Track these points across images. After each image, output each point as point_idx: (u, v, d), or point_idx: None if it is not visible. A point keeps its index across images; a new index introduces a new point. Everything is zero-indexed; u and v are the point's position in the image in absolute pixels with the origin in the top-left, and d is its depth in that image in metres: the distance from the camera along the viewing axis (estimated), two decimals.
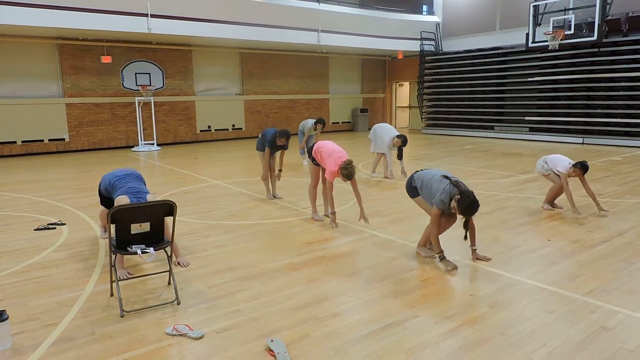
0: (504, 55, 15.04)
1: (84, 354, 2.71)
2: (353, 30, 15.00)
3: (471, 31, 16.08)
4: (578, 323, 3.00)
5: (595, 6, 11.75)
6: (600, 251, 4.34)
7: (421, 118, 17.73)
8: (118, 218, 3.13)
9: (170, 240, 3.50)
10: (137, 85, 12.74)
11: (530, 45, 13.14)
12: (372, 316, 3.13)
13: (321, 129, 9.57)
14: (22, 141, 12.07)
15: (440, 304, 3.29)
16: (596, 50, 12.70)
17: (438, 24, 16.93)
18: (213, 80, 15.01)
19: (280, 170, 6.62)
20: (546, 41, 12.52)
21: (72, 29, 10.88)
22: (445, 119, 16.91)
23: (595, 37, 11.88)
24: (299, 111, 16.98)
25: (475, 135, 15.62)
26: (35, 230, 5.24)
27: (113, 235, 3.25)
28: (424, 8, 17.63)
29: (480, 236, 4.34)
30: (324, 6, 14.36)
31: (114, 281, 3.33)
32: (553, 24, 12.38)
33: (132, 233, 3.25)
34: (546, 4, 12.68)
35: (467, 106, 16.16)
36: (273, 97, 16.31)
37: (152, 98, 13.07)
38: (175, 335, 2.90)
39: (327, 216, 5.62)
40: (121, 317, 3.14)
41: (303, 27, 13.87)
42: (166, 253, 3.49)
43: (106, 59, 12.72)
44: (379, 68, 19.39)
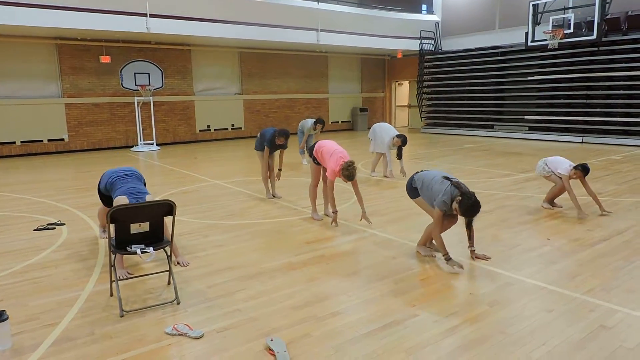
0: (504, 54, 15.04)
1: (84, 354, 2.72)
2: (352, 29, 15.00)
3: (470, 30, 16.08)
4: (577, 322, 3.00)
5: (594, 5, 11.75)
6: (599, 250, 4.34)
7: (420, 117, 17.73)
8: (117, 218, 3.13)
9: (169, 239, 3.50)
10: (136, 85, 12.74)
11: (529, 44, 13.14)
12: (372, 315, 3.13)
13: (321, 129, 9.56)
14: (22, 141, 12.06)
15: (440, 303, 3.30)
16: (595, 49, 12.70)
17: (437, 23, 16.93)
18: (212, 79, 15.01)
19: (280, 169, 6.63)
20: (545, 40, 12.52)
21: (71, 29, 10.87)
22: (444, 118, 16.91)
23: (594, 36, 11.88)
24: (299, 110, 16.98)
25: (474, 134, 15.62)
26: (34, 230, 5.24)
27: (112, 235, 3.25)
28: (423, 7, 17.65)
29: (479, 235, 4.34)
30: (323, 5, 14.35)
31: (114, 281, 3.33)
32: (552, 23, 12.38)
33: (132, 233, 3.26)
34: (545, 3, 12.67)
35: (467, 105, 16.17)
36: (272, 97, 16.30)
37: (152, 98, 13.06)
38: (175, 334, 2.90)
39: (327, 215, 5.63)
40: (121, 317, 3.14)
41: (302, 27, 13.87)
42: (166, 253, 3.49)
43: (105, 59, 12.71)
44: (379, 67, 19.39)
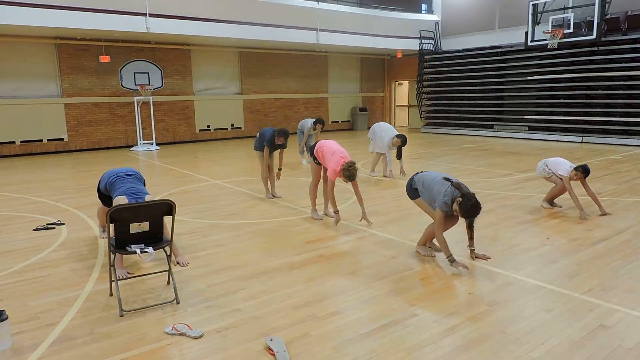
0: (503, 54, 15.04)
1: (84, 354, 2.72)
2: (352, 29, 15.00)
3: (470, 30, 16.09)
4: (577, 321, 3.00)
5: (594, 5, 11.75)
6: (599, 249, 4.35)
7: (420, 117, 17.73)
8: (117, 218, 3.13)
9: (169, 239, 3.50)
10: (136, 84, 12.73)
11: (529, 44, 13.14)
12: (372, 315, 3.13)
13: (320, 129, 9.57)
14: (21, 141, 12.06)
15: (439, 303, 3.30)
16: (595, 49, 12.71)
17: (437, 23, 16.93)
18: (212, 79, 15.00)
19: (280, 169, 6.63)
20: (545, 40, 12.52)
21: (71, 29, 10.87)
22: (444, 118, 16.91)
23: (594, 36, 11.89)
24: (298, 110, 16.98)
25: (474, 134, 15.62)
26: (34, 230, 5.24)
27: (112, 234, 3.25)
28: (423, 7, 17.65)
29: (479, 235, 4.34)
30: (323, 5, 14.35)
31: (114, 281, 3.33)
32: (552, 23, 12.39)
33: (131, 233, 3.26)
34: (545, 3, 12.68)
35: (466, 105, 16.17)
36: (272, 97, 16.30)
37: (151, 97, 13.06)
38: (174, 334, 2.91)
39: (327, 215, 5.63)
40: (121, 317, 3.14)
41: (302, 26, 13.87)
42: (165, 252, 3.49)
43: (105, 59, 12.71)
44: (378, 67, 19.39)
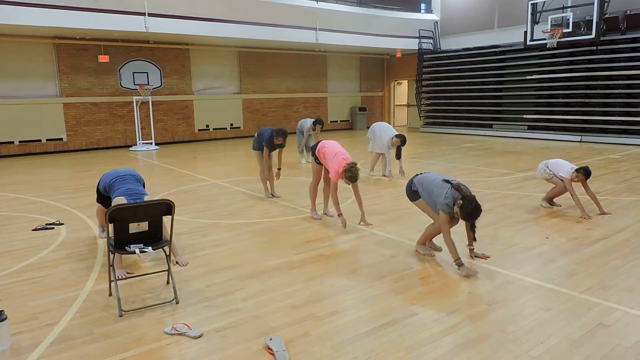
0: (502, 53, 15.04)
1: (83, 354, 2.71)
2: (351, 28, 14.99)
3: (469, 29, 16.08)
4: (576, 320, 3.01)
5: (593, 4, 11.76)
6: (598, 249, 4.35)
7: (419, 116, 17.73)
8: (116, 217, 3.13)
9: (168, 239, 3.50)
10: (135, 84, 12.72)
11: (528, 43, 13.15)
12: (371, 314, 3.14)
13: (320, 129, 9.61)
14: (20, 141, 12.04)
15: (439, 302, 3.30)
16: (594, 48, 12.71)
17: (436, 22, 16.93)
18: (211, 79, 14.99)
19: (279, 168, 6.64)
20: (544, 39, 12.52)
21: (69, 29, 10.85)
22: (443, 117, 16.91)
23: (593, 35, 11.89)
24: (297, 110, 16.97)
25: (473, 133, 15.62)
26: (33, 230, 5.23)
27: (111, 234, 3.25)
28: (422, 6, 17.64)
29: (479, 234, 4.33)
30: (322, 4, 14.34)
31: (113, 281, 3.33)
32: (551, 22, 12.39)
33: (131, 232, 3.26)
34: (544, 2, 12.68)
35: (466, 104, 16.17)
36: (271, 96, 16.29)
37: (150, 97, 13.04)
38: (174, 334, 2.90)
39: (327, 215, 5.63)
40: (120, 317, 3.14)
41: (301, 26, 13.85)
42: (165, 252, 3.49)
43: (103, 58, 12.70)
44: (377, 66, 19.39)
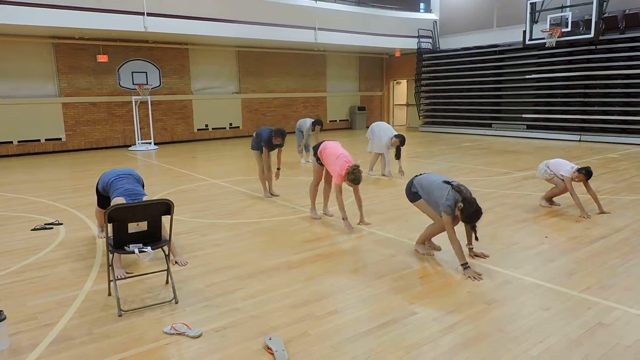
0: (501, 52, 15.05)
1: (82, 354, 2.71)
2: (350, 28, 14.98)
3: (468, 29, 16.08)
4: (575, 319, 3.01)
5: (592, 3, 11.77)
6: (597, 248, 4.35)
7: (419, 116, 17.73)
8: (115, 217, 3.12)
9: (167, 239, 3.50)
10: (134, 84, 12.70)
11: (527, 42, 13.15)
12: (371, 313, 3.13)
13: (319, 130, 9.65)
14: (19, 141, 12.02)
15: (438, 301, 3.30)
16: (593, 47, 12.72)
17: (435, 22, 16.93)
18: (210, 78, 14.98)
19: (278, 168, 6.65)
20: (543, 39, 12.53)
21: (68, 28, 10.83)
22: (442, 117, 16.91)
23: (592, 35, 11.90)
24: (297, 109, 16.97)
25: (472, 132, 15.63)
26: (32, 230, 5.23)
27: (110, 234, 3.25)
28: (421, 5, 17.63)
29: (478, 233, 4.34)
30: (321, 4, 14.34)
31: (112, 280, 3.33)
32: (550, 22, 12.39)
33: (130, 232, 3.25)
34: (543, 2, 12.68)
35: (465, 104, 16.17)
36: (270, 96, 16.28)
37: (149, 97, 13.04)
38: (173, 334, 2.90)
39: (326, 214, 5.63)
40: (119, 317, 3.14)
41: (300, 25, 13.85)
42: (164, 252, 3.49)
43: (102, 58, 12.68)
44: (377, 66, 19.38)
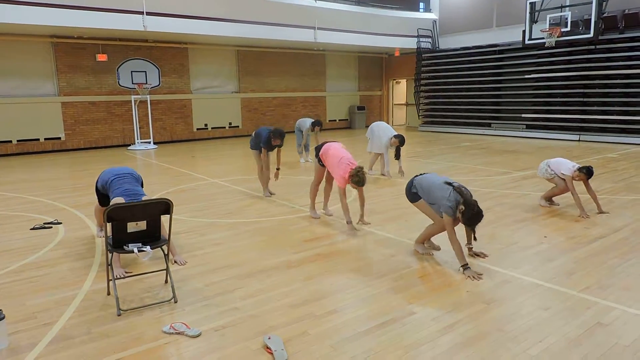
0: (501, 52, 15.05)
1: (81, 353, 2.71)
2: (350, 27, 14.97)
3: (468, 28, 16.08)
4: (574, 319, 3.01)
5: (591, 3, 11.78)
6: (596, 247, 4.36)
7: (418, 115, 17.73)
8: (114, 217, 3.12)
9: (166, 238, 3.50)
10: (133, 83, 12.70)
11: (526, 42, 13.16)
12: (370, 313, 3.14)
13: (319, 131, 9.68)
14: (18, 140, 12.01)
15: (437, 301, 3.30)
16: (592, 47, 12.72)
17: (435, 21, 16.93)
18: (209, 78, 14.97)
19: (278, 168, 6.65)
20: (542, 38, 12.53)
21: (67, 27, 10.82)
22: (442, 117, 16.91)
23: (591, 35, 11.91)
24: (296, 109, 16.96)
25: (472, 132, 15.63)
26: (31, 229, 5.22)
27: (109, 234, 3.25)
28: (421, 5, 17.61)
29: (477, 233, 4.34)
30: (321, 3, 14.32)
31: (111, 280, 3.33)
32: (549, 21, 12.40)
33: (129, 232, 3.25)
34: (543, 1, 12.69)
35: (464, 103, 16.17)
36: (270, 95, 16.28)
37: (149, 96, 13.03)
38: (172, 333, 2.90)
39: (326, 214, 5.63)
40: (118, 316, 3.14)
41: (300, 25, 13.84)
42: (163, 251, 3.49)
43: (102, 57, 12.67)
44: (376, 65, 19.38)
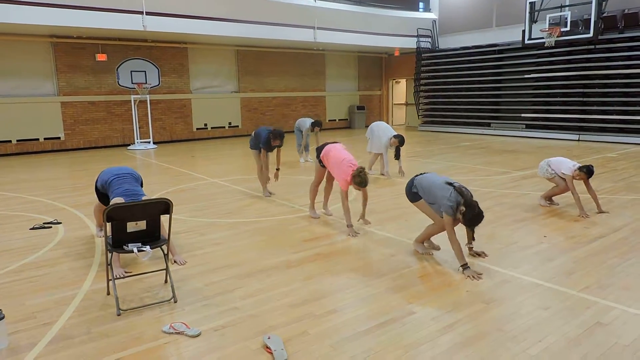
0: (500, 52, 15.04)
1: (81, 353, 2.71)
2: (349, 27, 14.97)
3: (468, 28, 16.09)
4: (574, 319, 3.01)
5: (591, 3, 11.78)
6: (595, 247, 4.36)
7: (418, 115, 17.73)
8: (114, 216, 3.12)
9: (166, 238, 3.49)
10: (133, 83, 12.69)
11: (526, 42, 13.16)
12: (370, 312, 3.14)
13: (318, 131, 9.68)
14: (17, 140, 12.00)
15: (437, 300, 3.30)
16: (592, 47, 12.72)
17: (434, 21, 16.93)
18: (209, 77, 14.96)
19: (277, 168, 6.65)
20: (542, 38, 12.53)
21: (67, 27, 10.81)
22: (441, 116, 16.91)
23: (591, 34, 11.91)
24: (296, 108, 16.96)
25: (471, 132, 15.63)
26: (30, 229, 5.22)
27: (109, 233, 3.25)
28: (421, 5, 17.61)
29: (476, 233, 4.35)
30: (320, 3, 14.32)
31: (111, 280, 3.33)
32: (549, 21, 12.40)
33: (128, 231, 3.25)
34: (542, 1, 12.69)
35: (464, 103, 16.17)
36: (269, 95, 16.28)
37: (148, 96, 13.02)
38: (172, 333, 2.90)
39: (325, 213, 5.63)
40: (118, 316, 3.13)
41: (299, 24, 13.84)
42: (162, 251, 3.49)
43: (101, 57, 12.66)
44: (376, 65, 19.38)
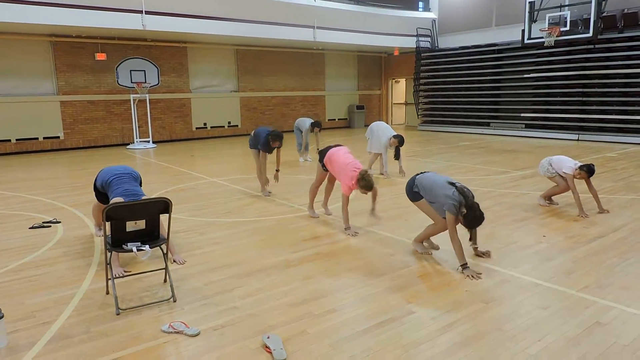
0: (500, 51, 15.05)
1: (80, 352, 2.71)
2: (349, 26, 14.98)
3: (467, 27, 16.09)
4: (573, 318, 3.02)
5: (590, 3, 11.79)
6: (595, 247, 4.36)
7: (417, 115, 17.74)
8: (113, 216, 3.12)
9: (165, 237, 3.49)
10: (132, 82, 12.69)
11: (526, 41, 13.16)
12: (369, 312, 3.14)
13: (318, 131, 9.70)
14: (17, 139, 11.99)
15: (436, 300, 3.30)
16: (591, 46, 12.73)
17: (434, 20, 16.93)
18: (209, 77, 14.96)
19: (277, 170, 6.65)
20: (542, 38, 12.54)
21: (66, 26, 10.80)
22: (441, 116, 16.91)
23: (590, 34, 11.91)
24: (295, 108, 16.96)
25: (471, 131, 15.64)
26: (30, 228, 5.22)
27: (108, 233, 3.24)
28: (420, 4, 17.62)
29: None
30: (320, 3, 14.32)
31: (110, 279, 3.33)
32: (549, 21, 12.40)
33: (128, 231, 3.25)
34: (542, 1, 12.69)
35: (463, 103, 16.18)
36: (269, 94, 16.27)
37: (148, 95, 13.02)
38: (171, 332, 2.90)
39: (325, 213, 5.63)
40: (117, 315, 3.13)
41: (299, 24, 13.83)
42: (162, 250, 3.48)
43: (101, 56, 12.66)
44: (375, 65, 19.38)
